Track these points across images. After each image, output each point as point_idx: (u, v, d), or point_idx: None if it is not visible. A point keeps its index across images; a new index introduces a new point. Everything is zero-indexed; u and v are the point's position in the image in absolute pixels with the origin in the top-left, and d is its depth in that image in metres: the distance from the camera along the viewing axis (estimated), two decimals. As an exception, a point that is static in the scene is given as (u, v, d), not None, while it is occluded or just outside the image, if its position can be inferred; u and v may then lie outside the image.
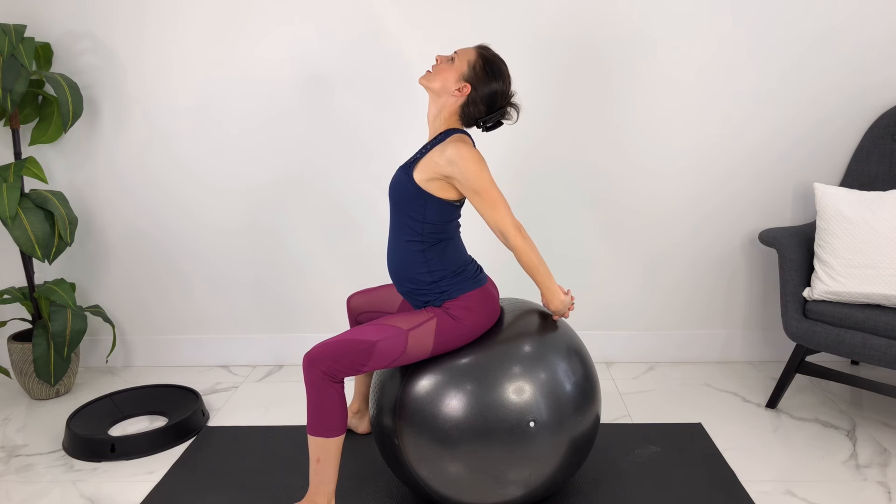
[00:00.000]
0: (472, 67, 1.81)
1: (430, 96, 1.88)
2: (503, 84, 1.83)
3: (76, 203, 2.90)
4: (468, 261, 1.90)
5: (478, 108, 1.83)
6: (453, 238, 1.88)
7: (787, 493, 2.00)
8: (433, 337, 1.78)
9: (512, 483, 1.74)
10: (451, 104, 1.84)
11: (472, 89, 1.82)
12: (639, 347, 2.95)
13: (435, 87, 1.84)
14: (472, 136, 1.89)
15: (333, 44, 2.71)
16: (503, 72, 1.83)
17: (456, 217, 1.87)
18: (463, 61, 1.82)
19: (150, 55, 2.75)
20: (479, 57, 1.83)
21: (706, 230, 2.82)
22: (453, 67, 1.82)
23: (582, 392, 1.81)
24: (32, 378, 2.72)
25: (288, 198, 2.86)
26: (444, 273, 1.84)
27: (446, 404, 1.72)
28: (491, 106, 1.84)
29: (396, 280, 1.92)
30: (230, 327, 3.01)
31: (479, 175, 1.74)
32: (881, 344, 2.15)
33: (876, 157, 2.59)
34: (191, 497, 2.04)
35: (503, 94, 1.84)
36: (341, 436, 1.78)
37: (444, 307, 1.83)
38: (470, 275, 1.87)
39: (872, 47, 2.61)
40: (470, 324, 1.82)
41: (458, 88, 1.81)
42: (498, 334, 1.83)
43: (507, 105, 1.87)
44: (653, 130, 2.73)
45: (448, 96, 1.84)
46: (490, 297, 1.88)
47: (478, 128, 1.90)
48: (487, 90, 1.81)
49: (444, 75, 1.83)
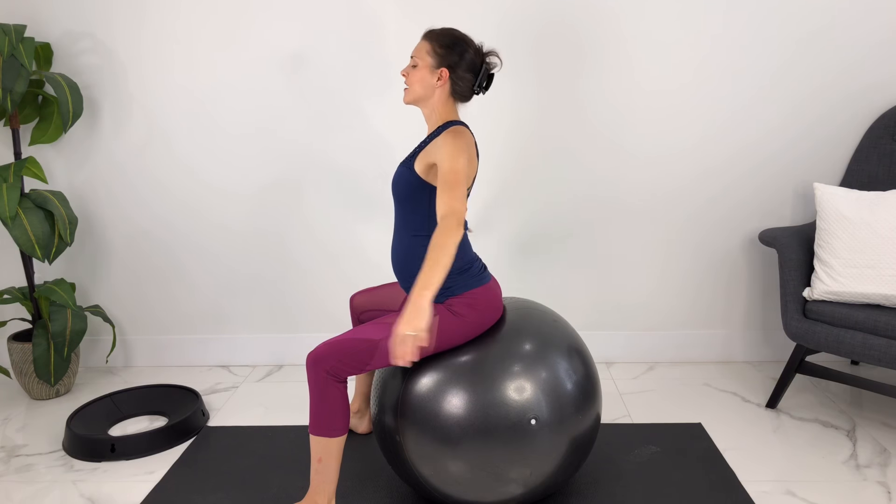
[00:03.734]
0: (434, 54, 1.85)
1: (420, 106, 1.91)
2: (468, 45, 1.87)
3: (76, 203, 2.90)
4: (474, 258, 1.91)
5: (465, 80, 1.86)
6: (465, 238, 1.88)
7: (787, 493, 2.00)
8: (435, 334, 1.78)
9: (513, 481, 1.74)
10: (439, 96, 1.87)
11: (449, 68, 1.85)
12: (639, 347, 2.95)
13: (418, 92, 1.87)
14: (469, 128, 1.89)
15: (335, 42, 2.71)
16: (461, 36, 1.87)
17: None
18: (423, 56, 1.86)
19: (150, 55, 2.75)
20: (432, 41, 1.86)
21: (706, 230, 2.82)
22: (420, 67, 1.86)
23: (583, 391, 1.81)
24: (32, 378, 2.72)
25: (288, 197, 2.86)
26: (452, 270, 1.85)
27: (448, 402, 1.72)
28: (474, 69, 1.87)
29: (402, 276, 1.92)
30: (230, 327, 3.01)
31: (452, 155, 1.70)
32: (881, 344, 2.15)
33: (876, 157, 2.59)
34: (191, 497, 2.04)
35: (477, 52, 1.88)
36: (343, 436, 1.78)
37: (448, 304, 1.83)
38: (475, 272, 1.88)
39: (872, 47, 2.62)
40: (472, 321, 1.82)
41: (438, 77, 1.85)
42: (499, 333, 1.83)
43: (487, 57, 1.90)
44: (652, 131, 2.73)
45: (433, 91, 1.87)
46: (494, 295, 1.88)
47: (476, 94, 1.92)
48: (462, 60, 1.85)
49: (418, 78, 1.87)
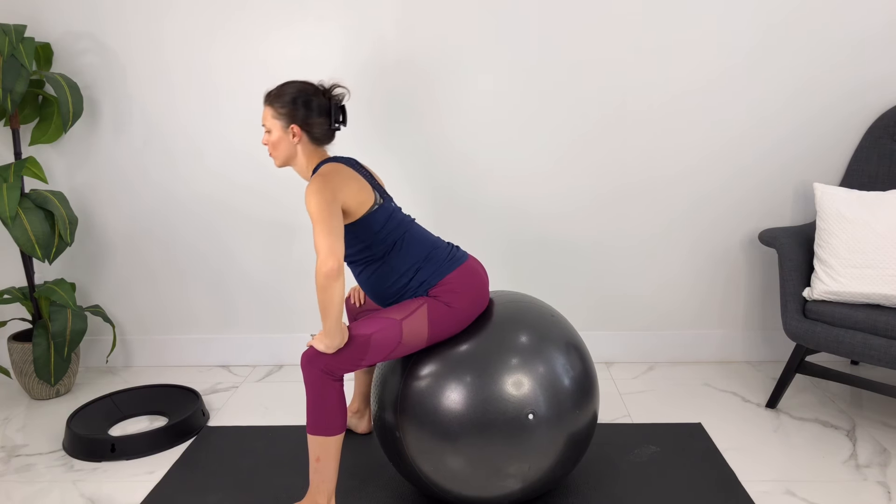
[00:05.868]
0: (279, 116, 1.85)
1: (291, 165, 1.93)
2: (307, 92, 1.85)
3: (76, 203, 2.90)
4: (435, 244, 1.90)
5: (319, 124, 1.86)
6: (405, 234, 1.88)
7: (787, 493, 2.00)
8: (427, 323, 1.78)
9: (511, 476, 1.75)
10: (303, 150, 1.88)
11: (299, 121, 1.85)
12: (639, 347, 2.95)
13: (283, 156, 1.89)
14: (341, 159, 1.90)
15: (332, 44, 2.71)
16: (298, 87, 1.86)
17: (386, 220, 1.85)
18: (271, 121, 1.87)
19: (150, 55, 2.75)
20: (273, 105, 1.86)
21: (706, 230, 2.82)
22: (274, 133, 1.87)
23: (580, 386, 1.82)
24: (32, 378, 2.72)
25: (287, 197, 2.86)
26: (414, 266, 1.85)
27: (446, 397, 1.73)
28: (324, 111, 1.87)
29: (380, 300, 1.93)
30: (230, 327, 3.01)
31: (309, 201, 1.71)
32: (881, 344, 2.15)
33: (876, 157, 2.59)
34: (191, 497, 2.04)
35: (319, 94, 1.87)
36: (341, 434, 1.78)
37: (432, 295, 1.83)
38: (443, 257, 1.87)
39: (872, 46, 2.62)
40: (459, 306, 1.82)
41: (294, 135, 1.85)
42: (497, 326, 1.84)
43: (332, 93, 1.89)
44: (652, 131, 2.73)
45: (295, 149, 1.88)
46: (472, 273, 1.87)
47: (337, 130, 1.92)
48: (308, 109, 1.85)
49: (275, 144, 1.87)
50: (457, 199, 2.82)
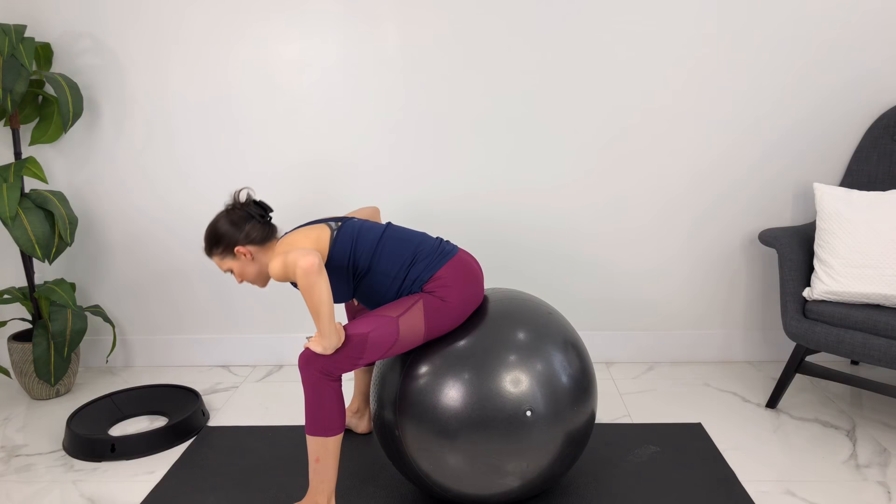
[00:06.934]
0: (224, 255, 1.95)
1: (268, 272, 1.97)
2: (228, 222, 1.93)
3: (76, 203, 2.90)
4: (421, 240, 1.91)
5: (255, 230, 1.95)
6: (382, 237, 1.90)
7: (787, 493, 2.00)
8: (423, 319, 1.78)
9: (510, 474, 1.75)
10: (258, 258, 1.96)
11: (242, 244, 1.93)
12: (639, 347, 2.95)
13: (254, 274, 1.97)
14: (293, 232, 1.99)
15: (333, 44, 2.71)
16: (211, 226, 1.95)
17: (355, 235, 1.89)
18: (225, 264, 1.96)
19: (150, 55, 2.75)
20: (211, 253, 1.97)
21: (706, 230, 2.82)
22: (235, 268, 1.96)
23: (578, 384, 1.82)
24: (32, 378, 2.72)
25: (287, 197, 2.86)
26: (402, 266, 1.86)
27: (445, 395, 1.73)
28: (249, 220, 1.95)
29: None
30: (230, 327, 3.01)
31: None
32: (881, 344, 2.15)
33: (876, 157, 2.59)
34: (191, 497, 2.04)
35: (231, 211, 1.95)
36: (340, 434, 1.78)
37: (427, 291, 1.84)
38: (430, 253, 1.88)
39: (872, 46, 2.62)
40: (454, 300, 1.82)
41: (244, 255, 1.93)
42: (494, 323, 1.84)
43: (240, 202, 1.98)
44: (651, 131, 2.73)
45: (255, 264, 1.95)
46: (463, 266, 1.88)
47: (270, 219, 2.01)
48: (237, 232, 1.93)
49: (243, 274, 1.96)
50: (455, 196, 2.82)
